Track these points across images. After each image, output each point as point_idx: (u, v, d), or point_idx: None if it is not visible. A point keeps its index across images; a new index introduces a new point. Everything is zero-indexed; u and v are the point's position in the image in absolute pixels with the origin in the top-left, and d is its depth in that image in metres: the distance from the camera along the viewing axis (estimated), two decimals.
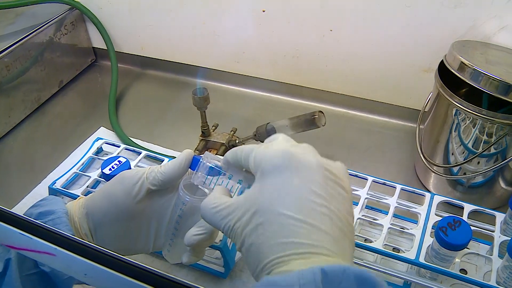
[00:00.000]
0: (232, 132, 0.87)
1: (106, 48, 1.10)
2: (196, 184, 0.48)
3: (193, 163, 0.50)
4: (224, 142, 0.85)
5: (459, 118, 0.67)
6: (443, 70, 0.69)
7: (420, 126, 0.78)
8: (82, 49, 1.17)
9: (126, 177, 0.51)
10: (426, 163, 0.74)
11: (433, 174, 0.76)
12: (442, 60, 0.70)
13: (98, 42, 1.16)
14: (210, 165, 0.47)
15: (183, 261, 0.51)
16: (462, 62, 0.65)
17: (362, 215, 0.65)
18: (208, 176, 0.47)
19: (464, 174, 0.71)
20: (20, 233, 0.30)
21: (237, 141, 0.85)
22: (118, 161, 0.64)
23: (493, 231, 0.61)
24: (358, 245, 0.60)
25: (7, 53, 0.95)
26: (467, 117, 0.65)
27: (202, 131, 0.86)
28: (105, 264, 0.28)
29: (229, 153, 0.46)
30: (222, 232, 0.41)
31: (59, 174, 0.74)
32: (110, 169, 0.63)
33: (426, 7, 0.77)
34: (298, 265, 0.35)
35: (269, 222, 0.37)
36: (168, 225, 0.53)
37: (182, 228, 0.51)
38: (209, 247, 0.60)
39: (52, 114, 1.03)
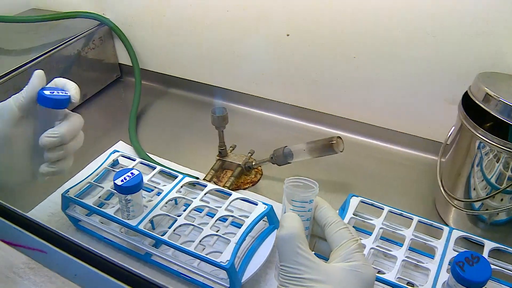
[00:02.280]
0: (250, 154, 0.87)
1: (131, 65, 1.12)
2: (288, 192, 0.49)
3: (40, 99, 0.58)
4: (240, 163, 0.84)
5: (483, 152, 0.65)
6: (467, 102, 0.67)
7: (442, 159, 0.76)
8: (109, 64, 1.18)
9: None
10: (446, 196, 0.72)
11: (453, 209, 0.73)
12: (467, 91, 0.68)
13: (124, 58, 1.18)
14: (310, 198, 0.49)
15: (40, 172, 0.60)
16: (487, 93, 0.63)
17: (376, 246, 0.62)
18: (300, 202, 0.49)
19: (486, 210, 0.69)
20: (14, 227, 0.30)
21: (253, 163, 0.84)
22: (131, 173, 0.64)
23: None
24: None
25: (35, 64, 0.97)
26: (491, 150, 0.63)
27: (219, 151, 0.85)
28: (97, 266, 0.27)
29: (323, 208, 0.50)
30: (280, 266, 0.45)
31: (74, 184, 0.74)
32: (122, 180, 0.62)
33: (451, 37, 0.76)
34: None
35: None
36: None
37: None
38: (216, 266, 0.59)
39: None
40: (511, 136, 0.66)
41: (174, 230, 0.65)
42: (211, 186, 0.72)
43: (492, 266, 0.57)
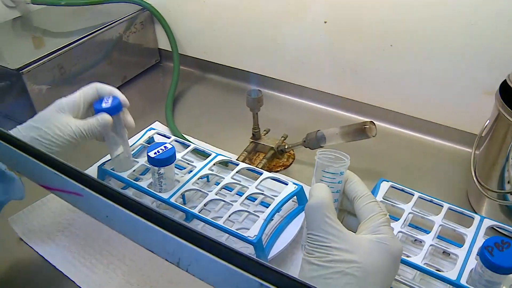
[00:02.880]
0: (283, 138, 0.87)
1: (170, 50, 1.14)
2: (320, 162, 0.51)
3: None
4: (273, 146, 0.85)
5: None
6: (505, 91, 0.66)
7: (476, 151, 0.74)
8: (148, 49, 1.21)
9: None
10: (479, 187, 0.71)
11: (486, 200, 0.72)
12: (505, 80, 0.67)
13: (164, 43, 1.21)
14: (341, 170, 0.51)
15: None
16: None
17: (407, 231, 0.62)
18: (331, 173, 0.51)
19: None
20: (54, 173, 0.31)
21: (286, 147, 0.85)
22: (164, 146, 0.65)
23: None
24: None
25: (77, 45, 1.01)
26: None
27: (253, 133, 0.86)
28: (126, 207, 0.29)
29: (353, 180, 0.52)
30: (308, 235, 0.45)
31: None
32: (155, 153, 0.64)
33: (491, 25, 0.74)
34: None
35: (362, 284, 0.42)
36: None
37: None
38: (243, 241, 0.60)
39: None
40: None
41: (204, 205, 0.67)
42: (243, 165, 0.73)
43: None
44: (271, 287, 0.24)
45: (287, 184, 0.69)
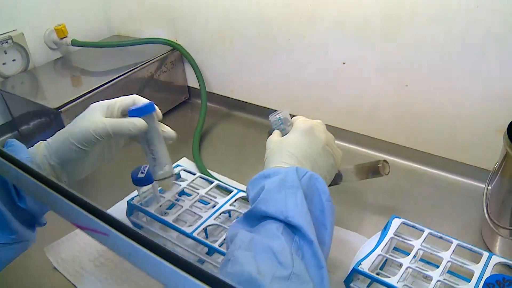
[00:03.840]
0: None
1: (199, 88, 1.20)
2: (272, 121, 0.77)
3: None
4: None
5: None
6: None
7: (488, 187, 0.77)
8: (178, 87, 1.28)
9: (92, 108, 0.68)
10: (491, 224, 0.73)
11: (499, 237, 0.74)
12: None
13: (193, 82, 1.28)
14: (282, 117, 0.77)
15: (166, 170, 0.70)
16: None
17: (416, 266, 0.65)
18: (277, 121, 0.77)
19: None
20: (84, 213, 0.36)
21: None
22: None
23: None
24: None
25: (113, 84, 1.08)
26: None
27: None
28: (147, 246, 0.33)
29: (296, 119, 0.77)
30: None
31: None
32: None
33: (503, 64, 0.78)
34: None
35: (279, 151, 0.68)
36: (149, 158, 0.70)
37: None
38: None
39: None
40: None
41: (225, 239, 0.71)
42: None
43: None
44: None
45: None
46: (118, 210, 0.87)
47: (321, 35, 0.96)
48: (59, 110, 0.97)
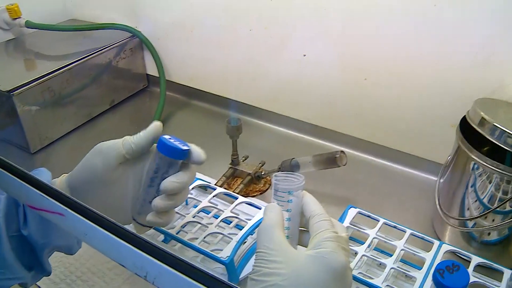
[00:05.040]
0: (260, 164, 0.92)
1: (158, 76, 1.19)
2: (275, 183, 0.53)
3: (159, 145, 0.56)
4: (251, 172, 0.89)
5: (476, 173, 0.68)
6: (465, 126, 0.71)
7: (441, 180, 0.79)
8: (137, 74, 1.26)
9: (104, 148, 0.58)
10: (442, 214, 0.75)
11: (449, 227, 0.77)
12: (465, 116, 0.72)
13: (152, 69, 1.26)
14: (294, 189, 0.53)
15: (147, 219, 0.56)
16: (482, 117, 0.67)
17: (371, 255, 0.66)
18: (281, 192, 0.53)
19: (478, 228, 0.72)
20: (40, 194, 0.35)
21: (263, 173, 0.89)
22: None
23: (499, 287, 0.61)
24: (359, 281, 0.61)
25: (69, 69, 1.05)
26: (484, 171, 0.67)
27: (231, 160, 0.91)
28: (103, 226, 0.33)
29: (308, 199, 0.53)
30: (256, 251, 0.47)
31: None
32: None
33: (456, 65, 0.80)
34: None
35: None
36: (142, 188, 0.57)
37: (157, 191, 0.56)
38: (216, 261, 0.63)
39: (100, 129, 1.11)
40: (508, 160, 0.70)
41: (182, 227, 0.71)
42: (220, 189, 0.77)
43: (476, 279, 0.60)
44: None
45: (260, 209, 0.73)
46: None
47: (283, 26, 0.96)
48: (11, 93, 0.94)
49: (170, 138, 0.57)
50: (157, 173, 0.56)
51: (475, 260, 0.63)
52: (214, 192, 0.76)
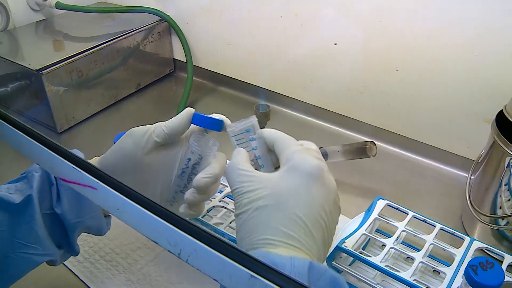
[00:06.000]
0: None
1: (185, 61, 1.18)
2: (230, 132, 0.55)
3: (195, 119, 0.58)
4: None
5: None
6: (502, 121, 0.69)
7: (472, 176, 0.77)
8: (164, 58, 1.26)
9: (135, 131, 0.58)
10: (472, 210, 0.73)
11: (479, 225, 0.74)
12: (502, 110, 0.70)
13: (179, 54, 1.25)
14: (247, 127, 0.54)
15: (180, 211, 0.57)
16: None
17: (399, 248, 0.65)
18: (239, 135, 0.54)
19: (510, 226, 0.70)
20: (72, 167, 0.35)
21: None
22: None
23: None
24: (387, 273, 0.60)
25: (97, 50, 1.05)
26: None
27: None
28: (136, 201, 0.32)
29: (268, 132, 0.53)
30: (232, 193, 0.47)
31: None
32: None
33: (493, 57, 0.78)
34: (286, 252, 0.41)
35: (278, 209, 0.44)
36: (174, 178, 0.58)
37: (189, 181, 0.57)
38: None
39: (125, 111, 1.11)
40: None
41: (207, 211, 0.70)
42: None
43: (509, 279, 0.58)
44: (260, 278, 0.27)
45: None
46: None
47: (314, 14, 0.95)
48: (41, 72, 0.94)
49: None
50: (188, 164, 0.57)
51: (508, 259, 0.61)
52: None
